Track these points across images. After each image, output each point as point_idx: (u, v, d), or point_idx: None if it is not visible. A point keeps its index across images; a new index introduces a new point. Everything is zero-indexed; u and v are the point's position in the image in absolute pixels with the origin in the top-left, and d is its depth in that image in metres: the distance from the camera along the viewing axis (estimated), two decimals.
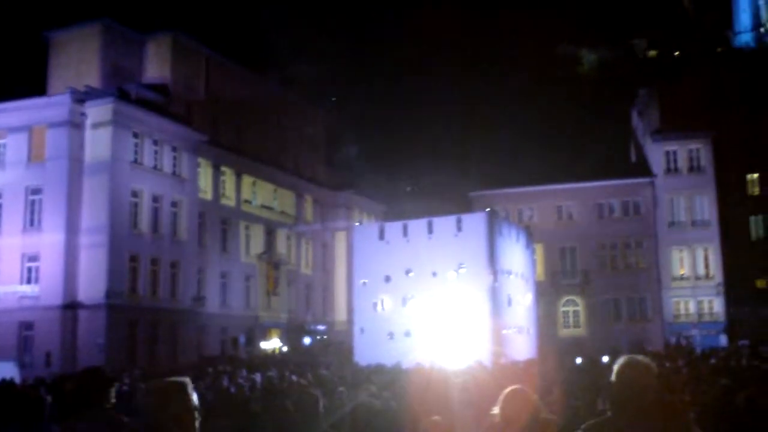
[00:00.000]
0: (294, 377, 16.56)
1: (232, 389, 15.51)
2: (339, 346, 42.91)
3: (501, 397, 4.58)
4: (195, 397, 3.79)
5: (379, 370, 21.72)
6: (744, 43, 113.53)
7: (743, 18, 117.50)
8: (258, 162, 51.63)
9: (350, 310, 41.61)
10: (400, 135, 60.92)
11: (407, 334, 34.19)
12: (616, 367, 3.67)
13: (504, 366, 24.99)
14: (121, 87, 41.06)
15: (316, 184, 58.87)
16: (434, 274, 36.26)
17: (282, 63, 64.13)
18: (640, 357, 3.71)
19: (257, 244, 51.36)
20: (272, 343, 48.97)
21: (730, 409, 10.24)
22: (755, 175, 57.36)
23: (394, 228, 38.54)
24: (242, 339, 47.37)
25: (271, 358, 41.60)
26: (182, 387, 3.74)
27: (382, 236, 38.41)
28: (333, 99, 72.54)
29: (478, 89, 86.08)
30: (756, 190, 57.35)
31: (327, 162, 63.02)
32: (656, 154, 51.68)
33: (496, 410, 4.60)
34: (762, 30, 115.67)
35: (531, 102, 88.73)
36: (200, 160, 45.93)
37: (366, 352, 32.23)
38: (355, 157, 61.62)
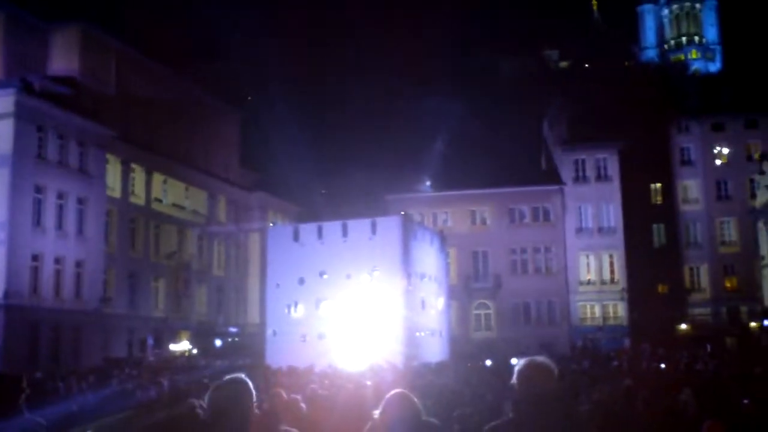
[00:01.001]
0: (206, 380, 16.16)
1: (138, 393, 15.01)
2: (250, 349, 42.30)
3: (383, 401, 4.58)
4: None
5: (291, 372, 21.49)
6: (649, 58, 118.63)
7: (649, 35, 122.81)
8: (170, 160, 50.39)
9: (263, 313, 41.09)
10: (316, 136, 60.57)
11: (321, 336, 34.03)
12: (517, 369, 3.70)
13: (417, 368, 25.16)
14: (24, 78, 39.25)
15: (229, 184, 57.92)
16: (348, 276, 36.24)
17: (197, 61, 62.91)
18: (540, 359, 3.74)
19: (167, 244, 50.11)
20: (182, 346, 47.83)
21: (629, 409, 10.58)
22: (658, 185, 59.93)
23: (308, 230, 38.35)
24: (150, 341, 46.06)
25: (179, 360, 40.63)
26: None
27: (296, 238, 38.14)
28: (249, 98, 71.68)
29: (396, 92, 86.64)
30: (659, 200, 59.94)
31: (241, 162, 62.11)
32: (566, 162, 53.22)
33: (377, 413, 4.61)
34: (666, 47, 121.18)
35: (447, 108, 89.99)
36: (109, 156, 44.43)
37: (278, 355, 31.86)
38: (270, 157, 60.97)
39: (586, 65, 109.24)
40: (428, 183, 55.41)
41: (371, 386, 11.74)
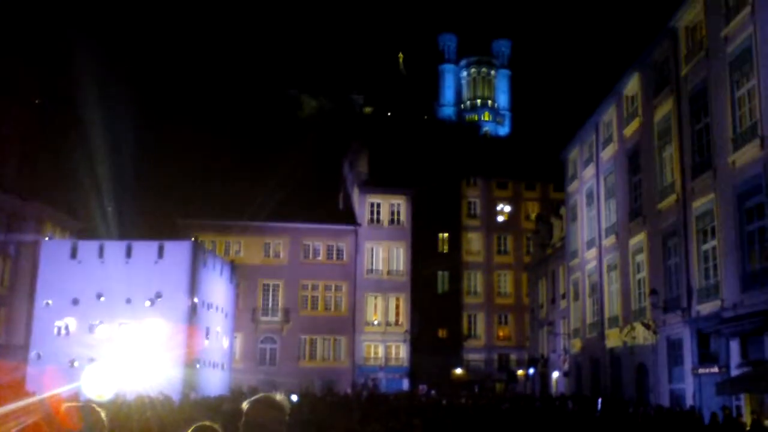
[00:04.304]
0: None
1: None
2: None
3: None
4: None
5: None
6: (446, 115, 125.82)
7: (448, 93, 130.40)
8: None
9: (28, 333, 37.43)
10: (107, 149, 57.06)
11: (92, 361, 31.51)
12: (246, 405, 3.74)
13: (193, 402, 23.93)
14: None
15: (2, 190, 52.66)
16: (129, 300, 34.18)
17: None
18: (273, 396, 3.82)
19: None
20: None
21: None
22: (446, 235, 63.00)
23: (88, 247, 35.81)
24: None
25: None
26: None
27: (74, 255, 35.45)
28: (37, 101, 66.24)
29: (198, 117, 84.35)
30: (445, 248, 62.96)
31: (19, 168, 56.85)
32: (362, 204, 54.29)
33: None
34: (462, 106, 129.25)
35: (248, 138, 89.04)
36: None
37: (40, 381, 28.96)
38: (53, 166, 56.41)
39: (389, 113, 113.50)
40: (225, 211, 53.90)
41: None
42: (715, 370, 21.78)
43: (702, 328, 23.18)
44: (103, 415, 4.97)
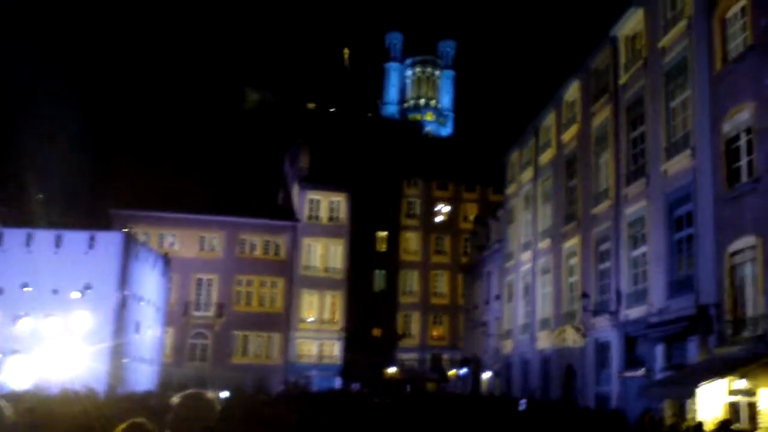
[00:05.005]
0: None
1: None
2: None
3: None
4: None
5: None
6: (390, 113, 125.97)
7: (392, 92, 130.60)
8: None
9: None
10: (38, 137, 55.24)
11: (15, 353, 30.49)
12: (174, 400, 3.71)
13: (119, 397, 23.31)
14: None
15: None
16: (56, 291, 33.11)
17: None
18: (203, 392, 3.80)
19: None
20: None
21: None
22: (384, 233, 63.00)
23: (14, 235, 34.54)
24: None
25: None
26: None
27: None
28: None
29: (135, 106, 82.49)
30: (383, 247, 62.96)
31: None
32: (302, 200, 53.88)
33: None
34: (405, 105, 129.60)
35: (190, 130, 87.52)
36: None
37: None
38: None
39: (332, 110, 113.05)
40: (159, 203, 52.75)
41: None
42: (640, 373, 22.27)
43: (629, 332, 23.68)
44: (8, 412, 4.71)
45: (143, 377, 36.87)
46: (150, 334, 39.24)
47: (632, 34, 25.99)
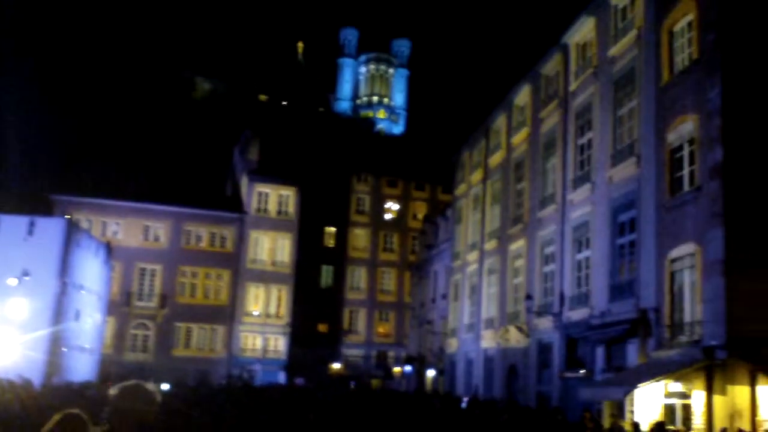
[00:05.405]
0: None
1: None
2: None
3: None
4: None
5: None
6: (342, 109, 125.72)
7: (345, 87, 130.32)
8: None
9: None
10: None
11: None
12: (113, 392, 3.69)
13: (56, 386, 22.80)
14: None
15: None
16: None
17: None
18: (143, 384, 3.75)
19: None
20: None
21: None
22: (332, 229, 62.90)
23: None
24: None
25: None
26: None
27: None
28: None
29: (83, 90, 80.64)
30: (331, 242, 62.86)
31: None
32: (250, 193, 53.41)
33: None
34: (358, 102, 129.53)
35: (138, 117, 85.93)
36: None
37: None
38: None
39: (284, 102, 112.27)
40: (103, 190, 51.71)
41: None
42: (580, 374, 22.73)
43: (571, 333, 24.13)
44: None
45: (82, 367, 36.12)
46: (90, 323, 38.44)
47: (583, 42, 26.44)
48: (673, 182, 18.50)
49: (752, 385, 15.21)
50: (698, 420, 16.15)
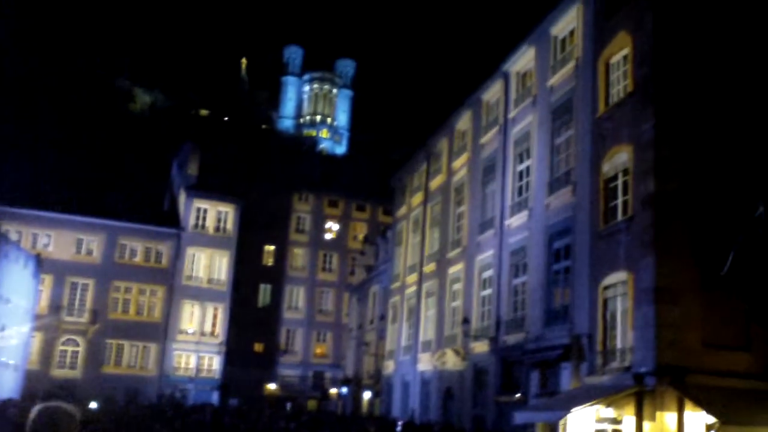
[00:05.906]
0: None
1: None
2: None
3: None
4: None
5: None
6: (285, 127, 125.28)
7: (288, 106, 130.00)
8: None
9: None
10: None
11: None
12: (33, 413, 3.66)
13: None
14: None
15: None
16: None
17: None
18: (63, 405, 3.74)
19: None
20: None
21: None
22: (272, 248, 62.40)
23: None
24: None
25: None
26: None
27: None
28: None
29: (13, 93, 78.32)
30: (270, 261, 62.32)
31: None
32: (188, 208, 52.58)
33: None
34: (301, 120, 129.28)
35: (74, 127, 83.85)
36: None
37: None
38: None
39: (226, 118, 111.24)
40: (34, 200, 50.23)
41: None
42: (515, 398, 22.95)
43: (507, 357, 24.38)
44: None
45: (5, 383, 34.82)
46: (16, 338, 37.10)
47: (523, 71, 27.00)
48: (607, 211, 18.96)
49: (680, 411, 15.59)
50: None
